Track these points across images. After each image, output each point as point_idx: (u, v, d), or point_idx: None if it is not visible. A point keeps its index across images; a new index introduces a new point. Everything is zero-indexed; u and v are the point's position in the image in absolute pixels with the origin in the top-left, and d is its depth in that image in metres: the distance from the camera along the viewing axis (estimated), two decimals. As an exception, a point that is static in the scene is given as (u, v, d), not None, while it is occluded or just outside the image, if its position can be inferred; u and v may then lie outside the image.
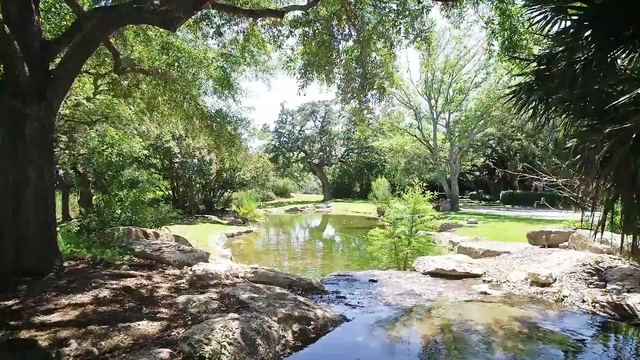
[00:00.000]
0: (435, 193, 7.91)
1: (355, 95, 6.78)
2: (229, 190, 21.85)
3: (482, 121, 20.62)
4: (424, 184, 7.79)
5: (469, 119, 20.64)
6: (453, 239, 12.23)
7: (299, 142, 38.38)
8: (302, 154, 39.97)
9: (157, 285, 3.58)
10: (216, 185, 19.79)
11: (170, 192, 19.06)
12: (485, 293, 4.43)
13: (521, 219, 16.57)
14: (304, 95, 6.55)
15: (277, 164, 38.30)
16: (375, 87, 6.69)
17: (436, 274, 5.36)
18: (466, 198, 35.22)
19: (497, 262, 5.81)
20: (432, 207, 7.91)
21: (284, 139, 38.91)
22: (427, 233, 8.21)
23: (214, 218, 18.47)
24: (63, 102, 9.31)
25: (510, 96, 4.46)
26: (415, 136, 22.29)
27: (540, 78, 4.26)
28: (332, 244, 14.22)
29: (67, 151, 11.44)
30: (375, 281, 5.11)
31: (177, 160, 15.81)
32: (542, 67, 4.27)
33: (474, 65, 20.62)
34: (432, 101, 20.56)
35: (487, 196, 34.82)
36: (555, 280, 4.53)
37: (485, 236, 11.70)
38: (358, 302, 4.15)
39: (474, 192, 36.71)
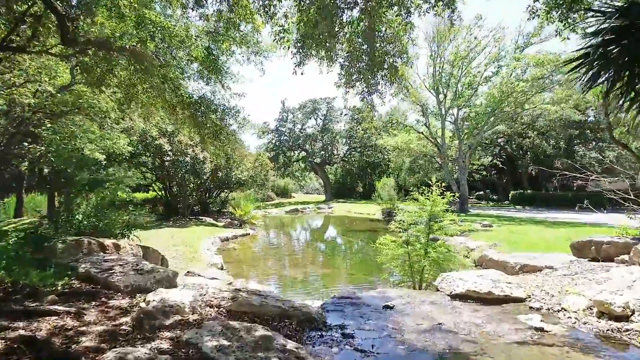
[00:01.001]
0: (457, 194, 6.80)
1: (362, 76, 5.68)
2: (225, 191, 20.81)
3: (492, 117, 19.46)
4: (442, 184, 6.66)
5: (480, 115, 19.48)
6: (468, 245, 11.11)
7: (300, 141, 37.25)
8: (303, 153, 38.86)
9: (83, 329, 2.49)
10: (211, 185, 18.75)
11: (163, 192, 18.04)
12: (541, 330, 3.30)
13: (537, 221, 15.42)
14: (302, 74, 5.44)
15: (278, 163, 37.22)
16: (386, 67, 5.58)
17: (467, 297, 4.25)
18: (473, 198, 34.01)
19: (540, 280, 4.68)
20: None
21: (285, 137, 37.78)
22: (443, 240, 7.11)
23: (209, 220, 17.42)
24: (27, 90, 8.28)
25: (577, 62, 3.34)
26: (422, 133, 21.14)
27: (621, 37, 3.14)
28: (335, 248, 13.11)
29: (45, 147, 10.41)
30: (391, 308, 3.99)
31: (168, 158, 14.75)
32: (623, 22, 3.14)
33: (484, 58, 19.50)
34: (441, 96, 19.41)
35: (494, 196, 33.62)
36: (633, 312, 3.40)
37: (503, 241, 10.58)
38: (372, 345, 3.04)
39: (481, 192, 35.50)
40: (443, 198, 6.47)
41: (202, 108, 6.20)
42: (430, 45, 18.99)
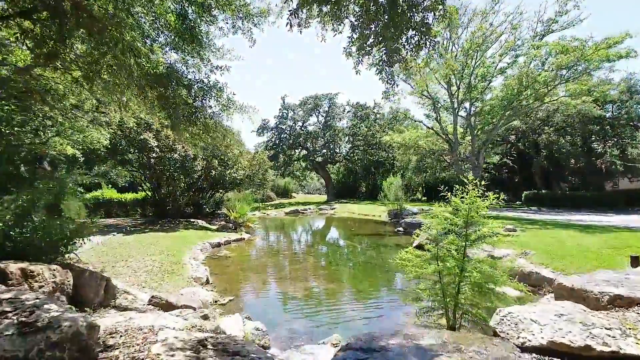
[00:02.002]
0: (501, 196, 5.29)
1: (381, 39, 4.25)
2: (220, 191, 19.40)
3: (509, 111, 17.96)
4: (479, 183, 5.19)
5: (495, 109, 17.98)
6: (493, 253, 9.65)
7: (301, 139, 35.77)
8: (304, 152, 37.40)
9: None
10: (204, 185, 17.32)
11: (152, 193, 16.62)
12: None
13: (563, 224, 13.92)
14: (299, 32, 3.98)
15: (278, 162, 35.80)
16: (414, 25, 4.15)
17: (550, 352, 2.79)
18: (481, 199, 32.46)
19: (650, 322, 3.20)
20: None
21: (285, 135, 36.31)
22: (483, 253, 5.65)
23: (201, 223, 16.00)
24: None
25: None
26: (432, 129, 19.66)
27: None
28: (339, 256, 11.66)
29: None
30: (440, 375, 2.54)
31: (154, 155, 13.32)
32: None
33: (500, 47, 18.01)
34: (453, 88, 17.93)
35: (504, 197, 32.06)
36: None
37: (536, 250, 9.13)
38: None
39: (490, 193, 33.95)
40: (484, 200, 5.02)
41: (172, 84, 4.77)
42: (442, 32, 17.53)
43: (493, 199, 5.05)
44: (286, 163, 37.04)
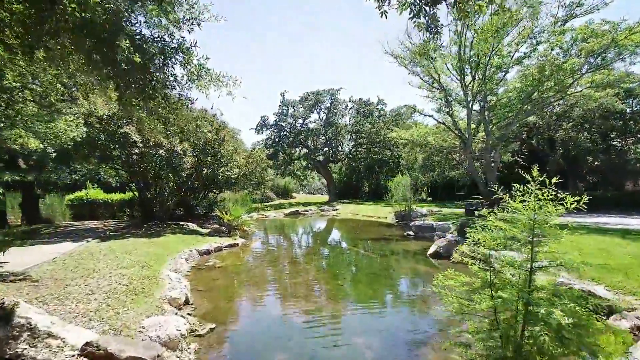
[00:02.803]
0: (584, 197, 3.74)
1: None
2: (214, 191, 17.96)
3: (527, 105, 16.41)
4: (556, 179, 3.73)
5: (512, 102, 16.47)
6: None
7: (302, 137, 34.27)
8: (305, 150, 35.91)
9: None
10: (196, 184, 15.87)
11: (138, 193, 15.17)
12: None
13: (594, 228, 12.35)
14: None
15: (278, 161, 34.36)
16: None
17: None
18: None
19: None
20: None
21: (285, 133, 34.82)
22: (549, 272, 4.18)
23: (192, 226, 14.55)
24: None
25: None
26: (444, 123, 18.14)
27: None
28: (344, 267, 10.17)
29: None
30: None
31: (136, 151, 11.88)
32: None
33: (517, 34, 16.47)
34: (468, 78, 16.40)
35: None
36: None
37: (577, 260, 7.66)
38: None
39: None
40: (558, 205, 3.57)
41: (117, 38, 3.33)
42: (455, 18, 16.01)
43: (571, 203, 3.58)
44: (286, 162, 35.59)
